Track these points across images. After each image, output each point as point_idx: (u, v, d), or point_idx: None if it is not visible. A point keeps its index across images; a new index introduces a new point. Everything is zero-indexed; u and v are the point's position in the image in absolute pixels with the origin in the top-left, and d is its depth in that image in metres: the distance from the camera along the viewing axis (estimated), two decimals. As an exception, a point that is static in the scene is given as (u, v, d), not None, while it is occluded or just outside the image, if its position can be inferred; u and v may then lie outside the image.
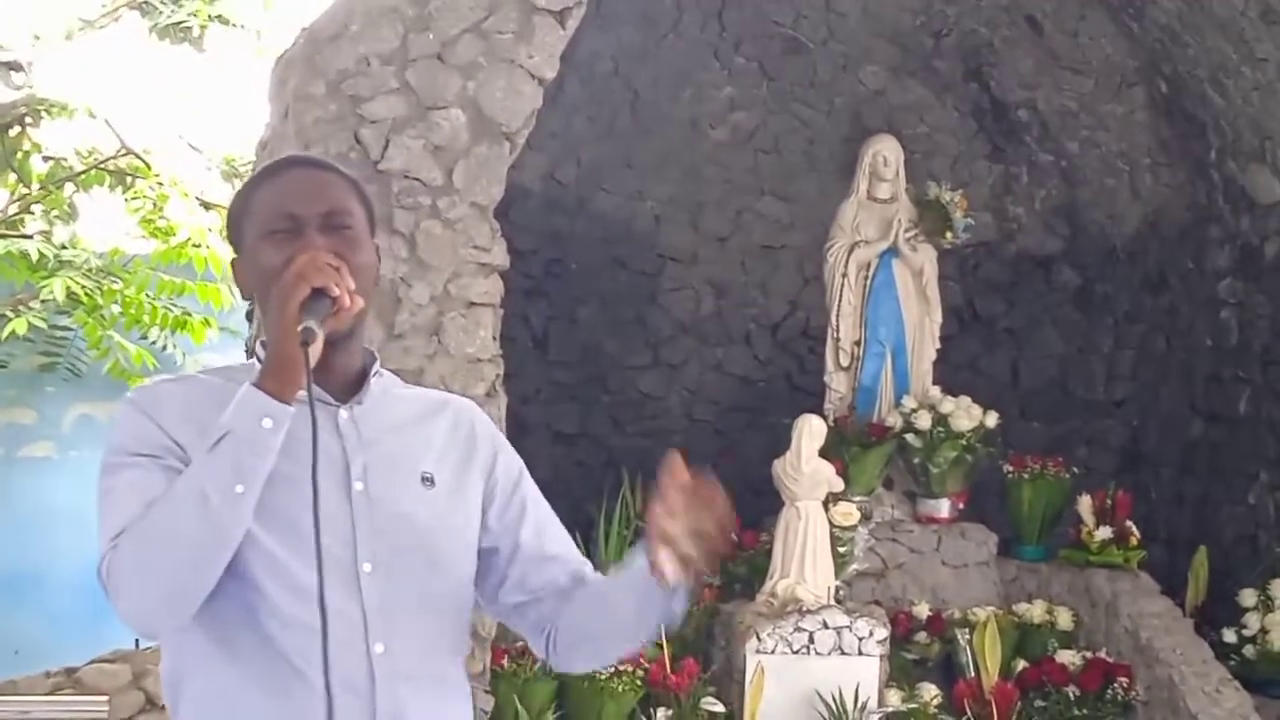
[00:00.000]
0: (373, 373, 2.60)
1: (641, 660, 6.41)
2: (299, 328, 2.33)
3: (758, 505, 7.27)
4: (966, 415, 7.74)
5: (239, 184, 9.61)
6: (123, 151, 9.79)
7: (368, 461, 2.51)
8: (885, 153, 8.20)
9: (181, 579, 2.34)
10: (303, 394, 2.37)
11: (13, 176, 9.85)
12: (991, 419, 7.82)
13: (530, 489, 2.74)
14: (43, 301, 8.87)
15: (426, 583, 2.53)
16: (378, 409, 2.58)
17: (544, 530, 2.73)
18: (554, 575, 2.71)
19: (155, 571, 2.33)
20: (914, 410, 7.79)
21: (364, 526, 2.47)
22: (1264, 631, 7.14)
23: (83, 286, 8.79)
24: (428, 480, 2.57)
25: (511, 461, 2.74)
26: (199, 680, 2.47)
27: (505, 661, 6.26)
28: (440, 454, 2.62)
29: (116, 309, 9.12)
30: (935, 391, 7.93)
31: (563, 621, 2.68)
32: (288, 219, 2.49)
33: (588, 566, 2.76)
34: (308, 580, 2.37)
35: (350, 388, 2.56)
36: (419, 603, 2.51)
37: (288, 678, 2.40)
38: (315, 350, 2.35)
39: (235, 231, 2.60)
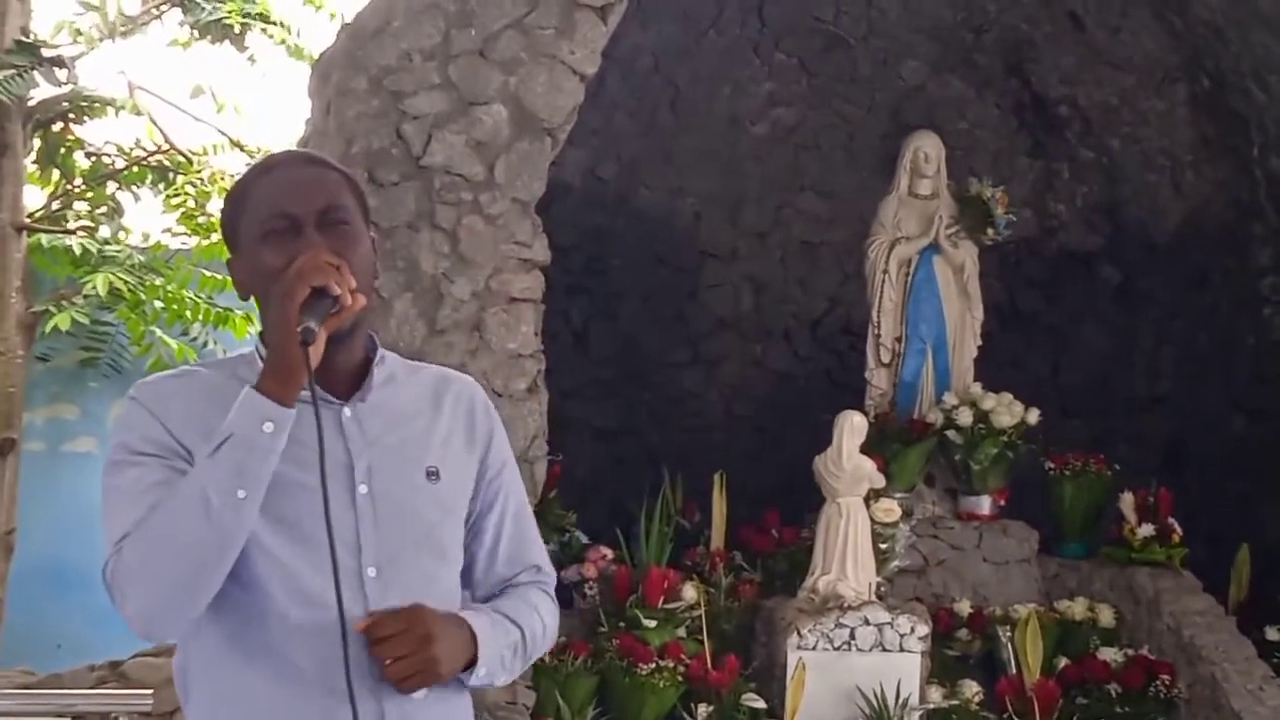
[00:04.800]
0: (375, 364, 2.59)
1: (682, 656, 6.41)
2: (299, 328, 2.31)
3: (799, 502, 7.26)
4: (1008, 412, 7.72)
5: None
6: (165, 148, 9.84)
7: (372, 461, 2.50)
8: (926, 149, 8.18)
9: (184, 582, 2.34)
10: (306, 395, 2.37)
11: (56, 173, 9.92)
12: (1033, 416, 7.79)
13: (510, 478, 2.73)
14: (85, 297, 8.92)
15: (432, 579, 2.54)
16: (381, 402, 2.56)
17: (506, 524, 2.72)
18: (506, 575, 2.72)
19: (158, 574, 2.33)
20: (955, 407, 7.77)
21: (367, 530, 2.46)
22: (1307, 630, 7.12)
23: (125, 282, 8.83)
24: (432, 474, 2.56)
25: (502, 447, 2.73)
26: (209, 676, 2.48)
27: (546, 657, 6.23)
28: (444, 440, 2.61)
29: (159, 305, 9.16)
30: (976, 388, 7.90)
31: None
32: (284, 218, 2.47)
33: (538, 571, 2.77)
34: (317, 587, 2.38)
35: (353, 382, 2.55)
36: (424, 600, 2.49)
37: (294, 680, 2.41)
38: (317, 350, 2.34)
39: (230, 231, 2.58)
